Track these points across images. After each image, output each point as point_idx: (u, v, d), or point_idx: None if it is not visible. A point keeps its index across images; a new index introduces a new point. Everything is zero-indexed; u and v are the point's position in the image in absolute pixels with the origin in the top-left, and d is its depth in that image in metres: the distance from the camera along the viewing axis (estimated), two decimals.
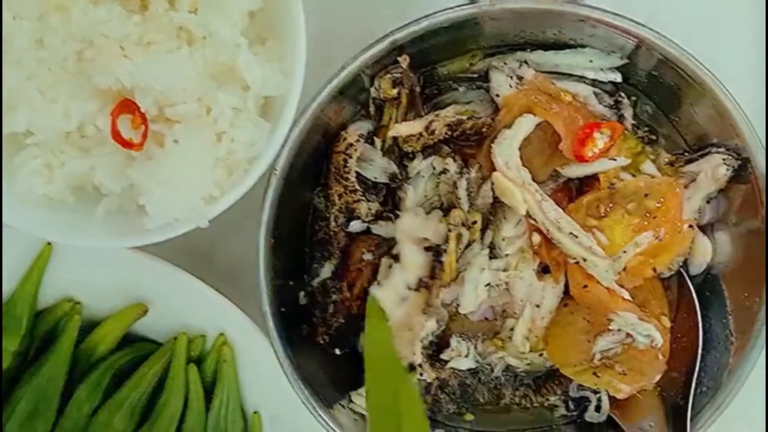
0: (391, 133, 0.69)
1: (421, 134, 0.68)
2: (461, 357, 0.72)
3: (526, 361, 0.74)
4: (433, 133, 0.68)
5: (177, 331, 0.73)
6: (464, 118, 0.69)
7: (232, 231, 0.74)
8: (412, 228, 0.68)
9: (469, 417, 0.77)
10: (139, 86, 0.64)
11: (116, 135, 0.65)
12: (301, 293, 0.74)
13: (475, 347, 0.72)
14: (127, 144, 0.65)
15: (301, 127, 0.67)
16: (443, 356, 0.72)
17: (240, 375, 0.74)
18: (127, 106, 0.65)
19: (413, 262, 0.67)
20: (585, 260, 0.68)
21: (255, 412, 0.74)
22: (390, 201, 0.73)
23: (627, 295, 0.69)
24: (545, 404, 0.76)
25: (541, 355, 0.74)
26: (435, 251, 0.68)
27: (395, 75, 0.68)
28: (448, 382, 0.75)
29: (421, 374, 0.72)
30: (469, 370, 0.74)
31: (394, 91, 0.68)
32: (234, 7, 0.65)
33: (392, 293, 0.67)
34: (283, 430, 0.72)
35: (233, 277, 0.74)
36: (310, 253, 0.74)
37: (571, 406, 0.75)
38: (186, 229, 0.66)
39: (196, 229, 0.66)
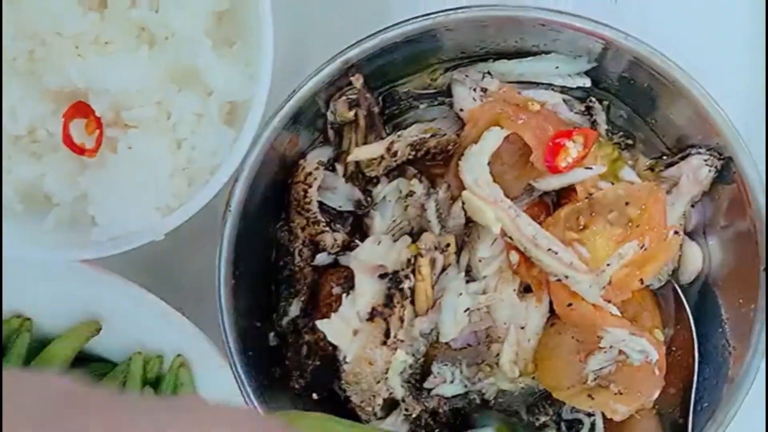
0: (350, 158, 0.66)
1: (382, 157, 0.65)
2: (446, 383, 0.69)
3: (519, 384, 0.71)
4: (395, 154, 0.65)
5: (132, 351, 0.71)
6: (427, 136, 0.65)
7: (194, 245, 0.71)
8: (368, 256, 0.64)
9: None
10: (93, 88, 0.61)
11: (68, 140, 0.62)
12: (271, 334, 0.71)
13: (461, 371, 0.69)
14: (79, 150, 0.63)
15: (255, 158, 0.64)
16: (426, 385, 0.69)
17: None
18: (80, 109, 0.62)
19: (366, 291, 0.64)
20: (567, 277, 0.65)
21: None
22: (358, 229, 0.70)
23: (615, 310, 0.67)
24: (536, 424, 0.73)
25: (533, 378, 0.71)
26: (393, 279, 0.64)
27: (350, 96, 0.65)
28: (438, 410, 0.72)
29: (406, 409, 0.69)
30: (458, 396, 0.71)
31: (351, 114, 0.65)
32: (199, 6, 0.62)
33: (343, 326, 0.64)
34: None
35: (195, 295, 0.70)
36: (276, 291, 0.71)
37: (563, 429, 0.72)
38: (140, 243, 0.63)
39: (153, 242, 0.63)
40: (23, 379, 0.35)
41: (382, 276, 0.65)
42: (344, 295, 0.65)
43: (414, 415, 0.68)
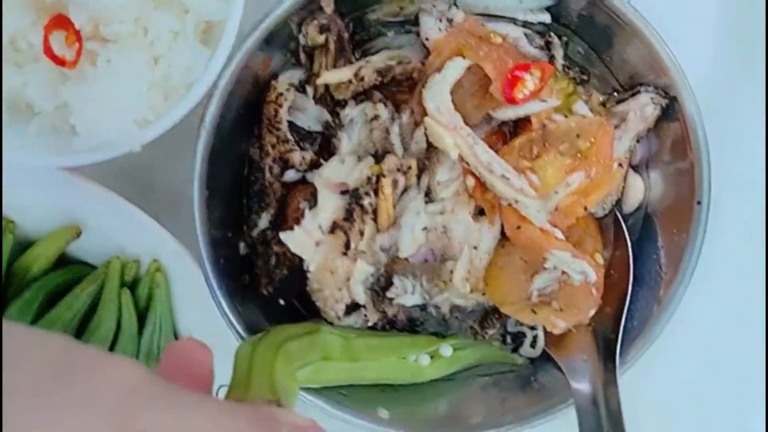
0: (319, 81, 0.68)
1: (350, 81, 0.67)
2: (407, 294, 0.73)
3: (471, 300, 0.75)
4: (362, 79, 0.67)
5: (111, 256, 0.73)
6: (394, 63, 0.68)
7: (170, 158, 0.72)
8: (331, 174, 0.67)
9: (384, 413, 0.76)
10: (73, 1, 0.62)
11: (49, 51, 0.63)
12: (241, 244, 0.73)
13: (421, 285, 0.73)
14: (59, 61, 0.63)
15: (229, 77, 0.66)
16: (389, 294, 0.73)
17: (173, 302, 0.73)
18: (61, 21, 0.63)
19: (327, 206, 0.66)
20: (517, 201, 0.69)
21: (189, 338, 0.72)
22: (326, 149, 0.73)
23: (560, 235, 0.69)
24: (486, 337, 0.77)
25: (483, 294, 0.74)
26: (354, 195, 0.67)
27: (321, 21, 0.67)
28: (396, 317, 0.75)
29: (365, 315, 0.73)
30: (416, 306, 0.75)
31: (321, 38, 0.67)
32: None
33: (305, 238, 0.66)
34: (217, 357, 0.73)
35: (171, 206, 0.72)
36: (247, 204, 0.73)
37: (509, 341, 0.76)
38: (118, 152, 0.64)
39: (134, 154, 0.64)
40: (22, 336, 0.35)
41: (344, 192, 0.68)
42: (307, 209, 0.68)
43: (372, 322, 0.72)
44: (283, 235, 0.68)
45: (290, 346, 0.61)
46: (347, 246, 0.68)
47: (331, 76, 0.67)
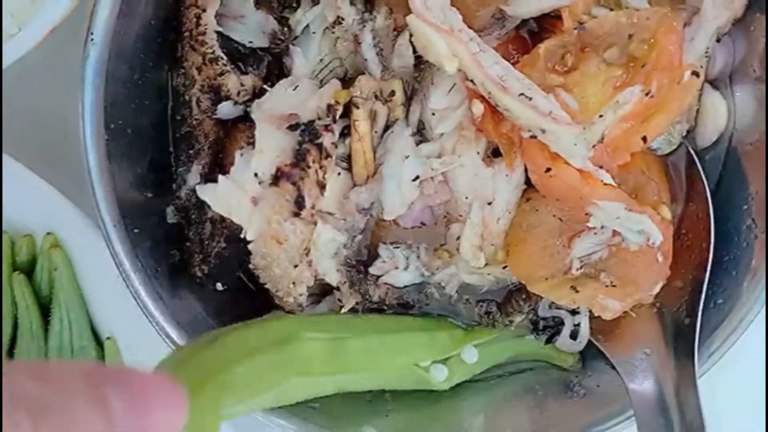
0: None
1: None
2: (398, 270, 0.59)
3: (488, 277, 0.61)
4: None
5: None
6: None
7: (57, 89, 0.59)
8: (276, 104, 0.52)
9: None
10: None
11: None
12: (169, 209, 0.59)
13: (417, 257, 0.59)
14: None
15: None
16: (373, 270, 0.59)
17: (84, 287, 0.63)
18: None
19: (268, 146, 0.51)
20: (544, 132, 0.52)
21: (108, 338, 0.64)
22: (278, 74, 0.57)
23: (609, 178, 0.55)
24: (511, 326, 0.63)
25: (504, 268, 0.61)
26: (307, 131, 0.52)
27: None
28: (384, 302, 0.62)
29: (339, 300, 0.59)
30: (412, 285, 0.61)
31: None
32: None
33: (236, 192, 0.51)
34: (143, 359, 0.62)
35: (64, 157, 0.59)
36: (175, 153, 0.58)
37: (540, 330, 0.62)
38: None
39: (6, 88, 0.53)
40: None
41: (292, 128, 0.51)
42: (238, 153, 0.52)
43: (347, 307, 0.58)
44: (201, 189, 0.54)
45: (238, 371, 0.47)
46: (299, 203, 0.51)
47: None
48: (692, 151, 0.61)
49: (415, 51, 0.55)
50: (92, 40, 0.51)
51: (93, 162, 0.53)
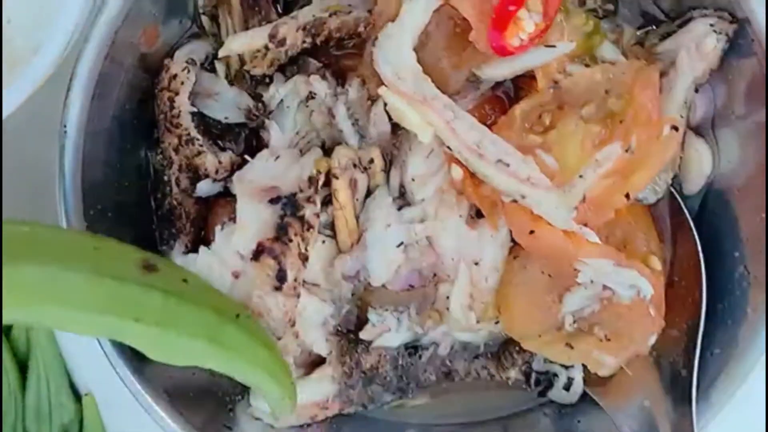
0: (221, 52, 0.52)
1: (267, 48, 0.49)
2: (391, 332, 0.58)
3: (481, 333, 0.60)
4: (283, 43, 0.49)
5: None
6: (326, 15, 0.49)
7: (34, 132, 0.58)
8: (257, 176, 0.51)
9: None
10: None
11: None
12: None
13: (409, 316, 0.58)
14: None
15: (96, 51, 0.50)
16: (363, 335, 0.58)
17: (61, 345, 0.63)
18: None
19: (249, 220, 0.50)
20: (524, 197, 0.51)
21: (86, 394, 0.63)
22: (256, 147, 0.56)
23: (594, 237, 0.54)
24: (507, 380, 0.61)
25: (497, 323, 0.60)
26: (288, 204, 0.51)
27: None
28: (377, 369, 0.60)
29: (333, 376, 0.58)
30: (405, 347, 0.60)
31: None
32: None
33: (217, 266, 0.50)
34: (122, 416, 0.64)
35: (37, 208, 0.55)
36: (158, 231, 0.57)
37: (533, 382, 0.60)
38: None
39: None
40: None
41: (273, 201, 0.51)
42: (218, 227, 0.51)
43: (335, 375, 0.56)
44: (183, 259, 0.53)
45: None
46: (281, 277, 0.50)
47: (237, 43, 0.50)
48: (679, 199, 0.59)
49: (391, 118, 0.54)
50: (65, 132, 0.50)
51: None
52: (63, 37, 0.48)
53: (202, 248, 0.51)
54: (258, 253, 0.50)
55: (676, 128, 0.53)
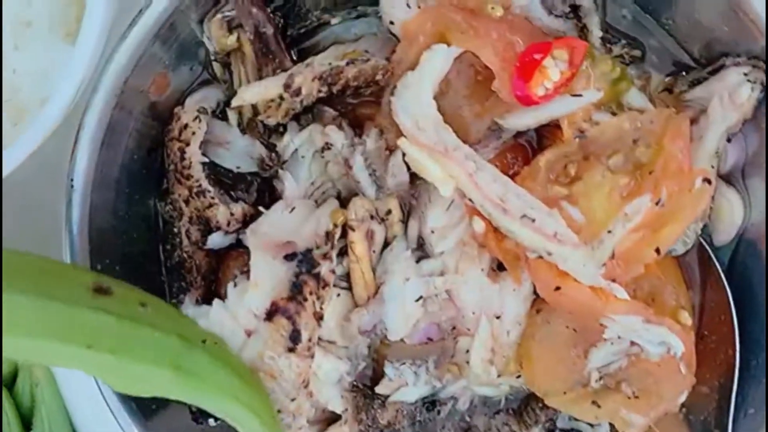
0: (234, 102, 0.49)
1: (281, 98, 0.47)
2: (408, 386, 0.56)
3: (502, 387, 0.58)
4: (298, 93, 0.47)
5: None
6: (343, 63, 0.47)
7: (41, 181, 0.56)
8: (272, 230, 0.49)
9: None
10: None
11: None
12: None
13: (427, 370, 0.56)
14: None
15: (104, 102, 0.48)
16: (380, 390, 0.56)
17: (67, 400, 0.61)
18: None
19: (264, 278, 0.48)
20: (550, 254, 0.48)
21: None
22: (269, 196, 0.54)
23: (622, 292, 0.51)
24: None
25: (518, 377, 0.57)
26: (304, 260, 0.49)
27: (227, 14, 0.47)
28: (394, 425, 0.58)
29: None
30: (423, 402, 0.57)
31: (232, 39, 0.48)
32: None
33: (229, 322, 0.48)
34: None
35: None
36: (168, 283, 0.56)
37: None
38: None
39: None
40: None
41: (289, 257, 0.48)
42: (231, 284, 0.49)
43: None
44: (195, 311, 0.50)
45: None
46: (294, 339, 0.48)
47: (251, 94, 0.48)
48: (709, 250, 0.57)
49: (409, 168, 0.52)
50: (72, 186, 0.48)
51: None
52: (71, 88, 0.46)
53: (216, 302, 0.48)
54: (272, 313, 0.48)
55: (708, 181, 0.50)
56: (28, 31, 0.49)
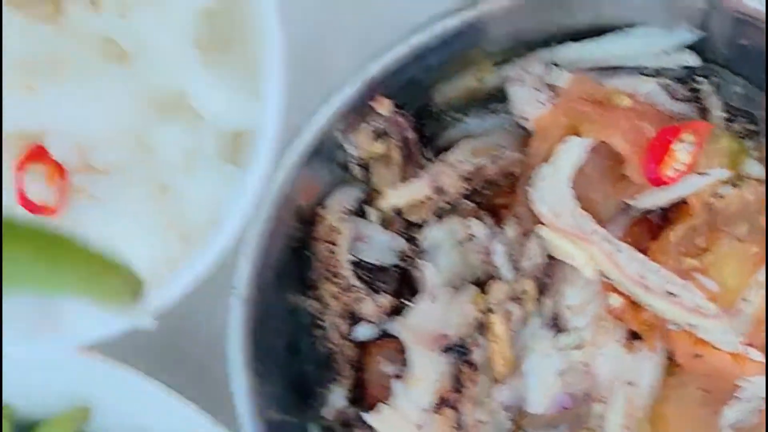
0: (384, 205, 0.50)
1: (429, 198, 0.49)
2: None
3: None
4: (443, 192, 0.49)
5: None
6: (484, 161, 0.49)
7: (200, 323, 0.59)
8: (423, 321, 0.50)
9: None
10: (51, 128, 0.50)
11: (23, 198, 0.50)
12: (313, 429, 0.57)
13: None
14: (38, 209, 0.50)
15: (267, 213, 0.50)
16: None
17: None
18: (37, 154, 0.50)
19: (426, 372, 0.50)
20: (692, 326, 0.49)
21: None
22: (405, 284, 0.55)
23: (760, 356, 0.52)
24: None
25: None
26: (459, 350, 0.50)
27: (375, 125, 0.48)
28: None
29: None
30: None
31: (380, 147, 0.49)
32: (180, 6, 0.49)
33: (400, 421, 0.50)
34: None
35: (207, 372, 0.58)
36: (315, 374, 0.57)
37: None
38: (121, 329, 0.51)
39: None
40: None
41: (447, 349, 0.50)
42: (394, 377, 0.50)
43: None
44: (369, 417, 0.51)
45: None
46: (460, 425, 0.50)
47: (401, 197, 0.49)
48: None
49: (544, 250, 0.53)
50: (235, 291, 0.50)
51: (242, 393, 0.52)
52: (242, 212, 0.48)
53: (383, 405, 0.50)
54: (440, 406, 0.50)
55: None
56: (194, 158, 0.50)
